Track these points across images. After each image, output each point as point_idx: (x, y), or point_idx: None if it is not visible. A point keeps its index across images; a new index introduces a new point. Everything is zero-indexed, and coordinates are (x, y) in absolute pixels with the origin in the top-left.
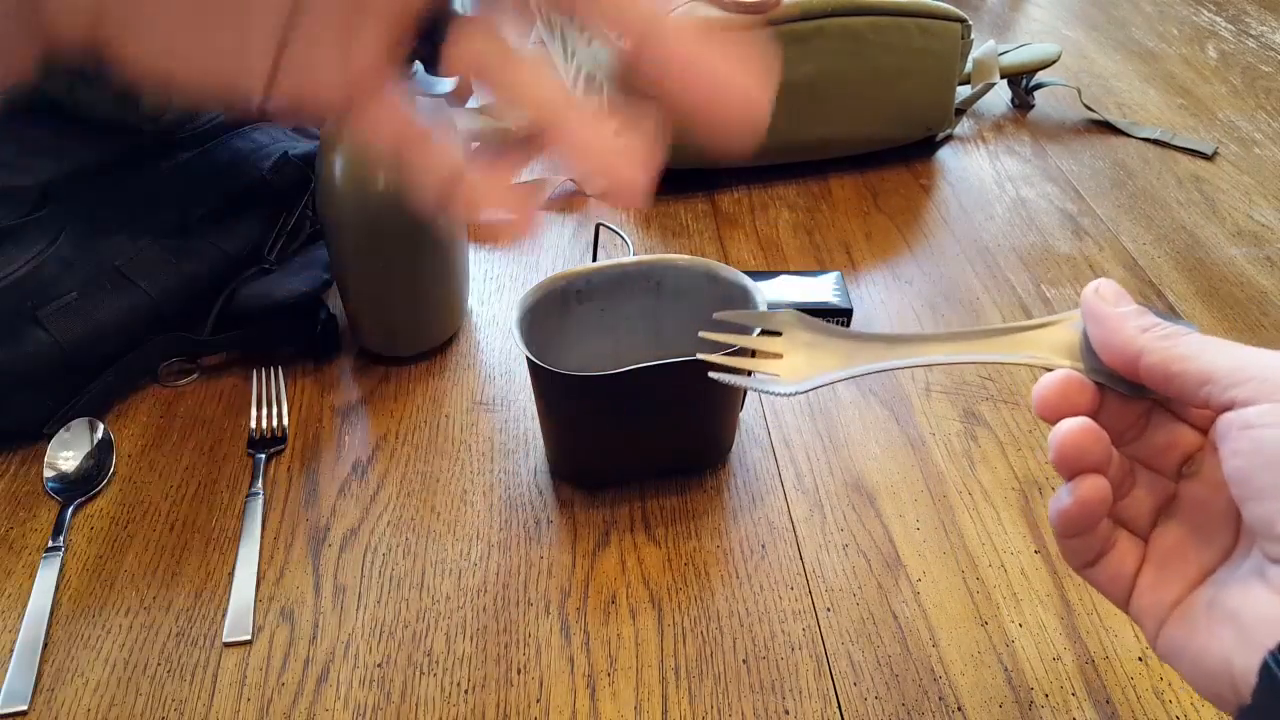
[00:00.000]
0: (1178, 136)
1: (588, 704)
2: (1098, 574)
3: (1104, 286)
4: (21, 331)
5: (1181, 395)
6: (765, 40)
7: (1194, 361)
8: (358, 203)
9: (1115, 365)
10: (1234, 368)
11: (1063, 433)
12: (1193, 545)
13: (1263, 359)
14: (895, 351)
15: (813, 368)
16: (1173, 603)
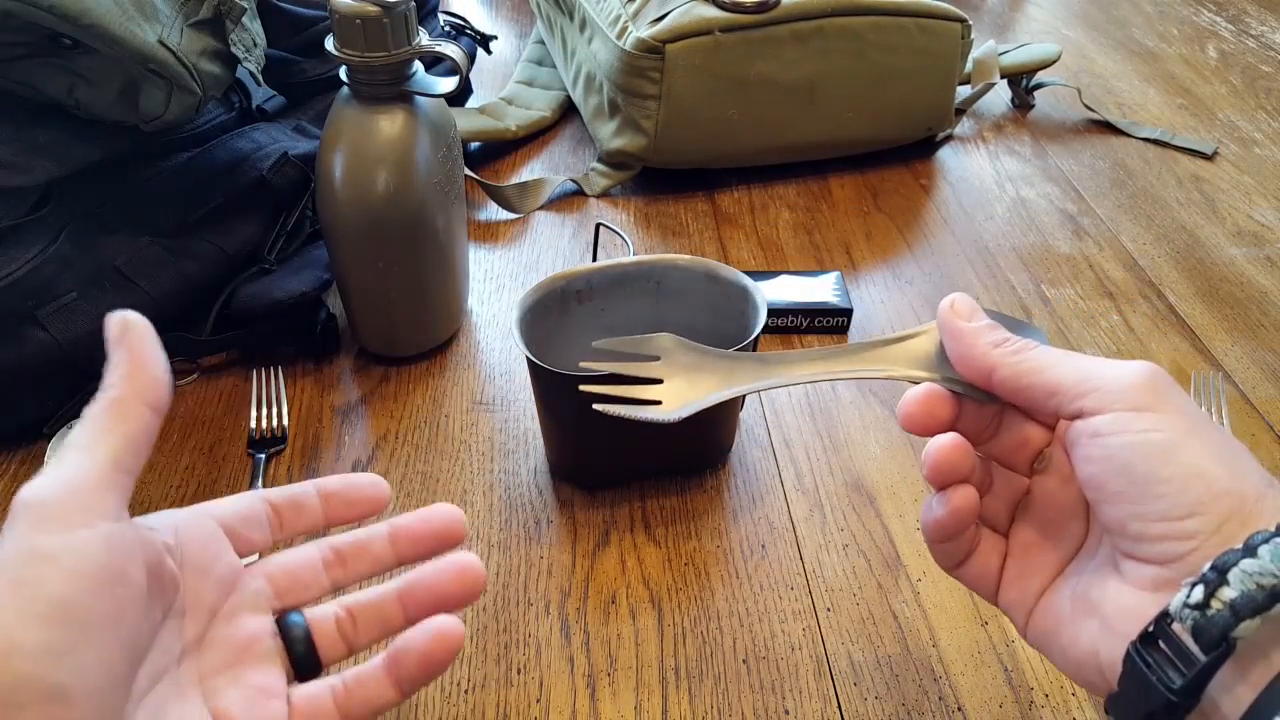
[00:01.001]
0: (1178, 136)
1: (588, 704)
2: (966, 573)
3: (958, 302)
4: (21, 331)
5: (1031, 405)
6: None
7: (1042, 375)
8: (358, 203)
9: (970, 378)
10: (1079, 379)
11: (935, 450)
12: (1049, 538)
13: (1104, 370)
14: (770, 371)
15: (693, 391)
16: (1036, 594)
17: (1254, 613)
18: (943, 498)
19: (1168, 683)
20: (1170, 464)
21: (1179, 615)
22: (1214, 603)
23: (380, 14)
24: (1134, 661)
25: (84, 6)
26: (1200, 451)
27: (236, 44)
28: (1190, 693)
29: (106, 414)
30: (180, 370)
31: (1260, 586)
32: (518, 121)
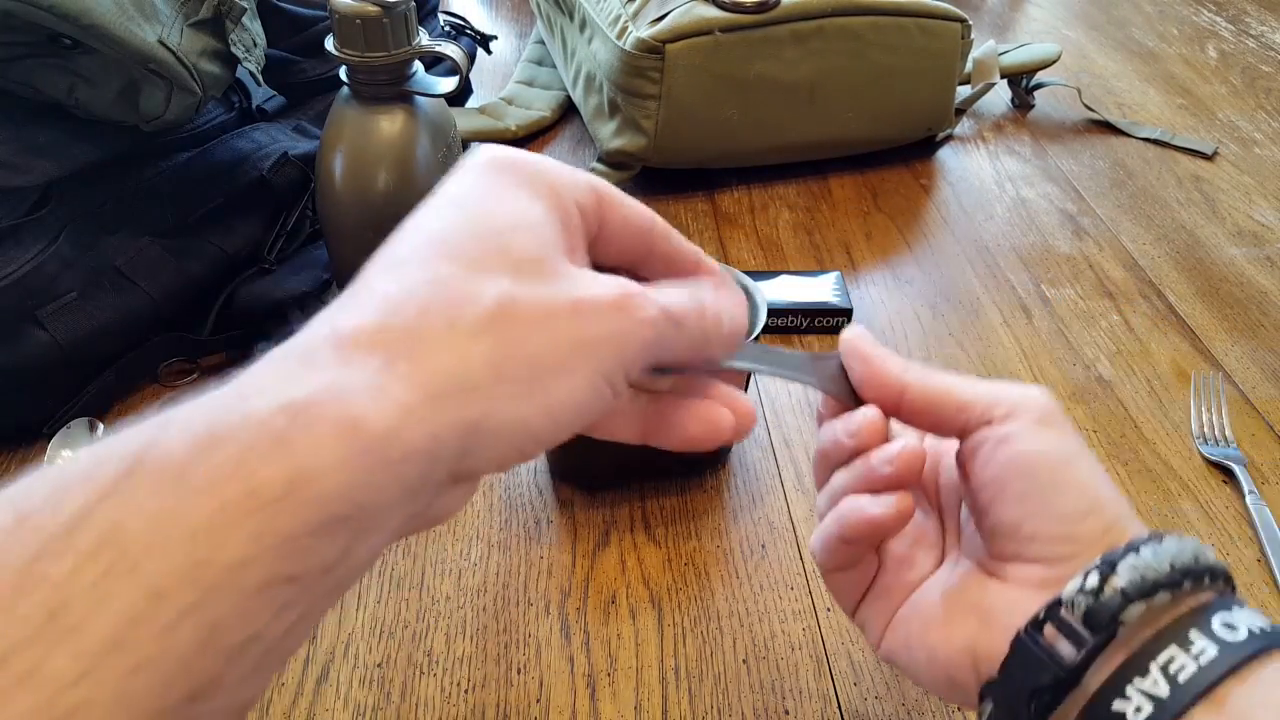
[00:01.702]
0: (1178, 136)
1: (588, 704)
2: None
3: (861, 330)
4: (21, 331)
5: (938, 424)
6: None
7: (952, 394)
8: (357, 202)
9: (878, 401)
10: (990, 397)
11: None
12: (917, 554)
13: (1011, 390)
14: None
15: None
16: (894, 608)
17: (1141, 596)
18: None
19: (1059, 660)
20: (1070, 471)
21: (1071, 601)
22: (1106, 589)
23: (380, 14)
24: (1024, 644)
25: (84, 6)
26: (1092, 467)
27: (236, 44)
28: (1078, 670)
29: None
30: (180, 370)
31: (1145, 578)
32: (518, 121)
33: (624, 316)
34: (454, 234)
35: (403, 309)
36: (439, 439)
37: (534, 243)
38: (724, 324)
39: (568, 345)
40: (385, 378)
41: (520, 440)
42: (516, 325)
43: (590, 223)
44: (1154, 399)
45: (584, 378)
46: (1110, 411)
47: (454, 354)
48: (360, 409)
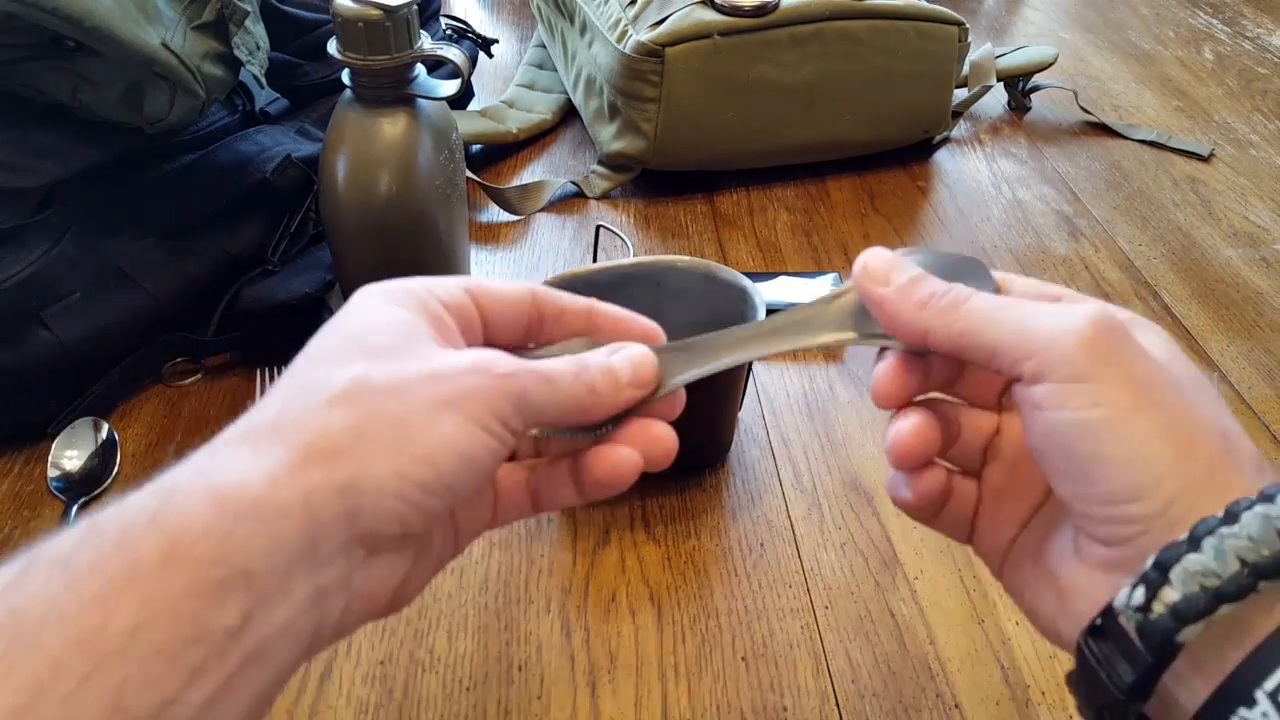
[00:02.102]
0: (1174, 138)
1: (588, 701)
2: (940, 524)
3: (871, 263)
4: (25, 332)
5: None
6: None
7: (977, 336)
8: (360, 204)
9: (907, 343)
10: (1017, 341)
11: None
12: (1020, 481)
13: (1044, 328)
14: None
15: None
16: (1009, 542)
17: (1196, 617)
18: (908, 481)
19: (1117, 681)
20: (1111, 444)
21: (1124, 612)
22: (1156, 605)
23: (382, 18)
24: (1084, 655)
25: (87, 9)
26: (1144, 429)
27: (239, 47)
28: (1138, 691)
29: None
30: (184, 371)
31: (1203, 588)
32: (519, 124)
33: (480, 374)
34: (318, 346)
35: (266, 407)
36: (312, 500)
37: (391, 336)
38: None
39: (428, 403)
40: (252, 456)
41: (406, 490)
42: (372, 394)
43: (465, 314)
44: None
45: (453, 425)
46: None
47: (315, 426)
48: (227, 481)
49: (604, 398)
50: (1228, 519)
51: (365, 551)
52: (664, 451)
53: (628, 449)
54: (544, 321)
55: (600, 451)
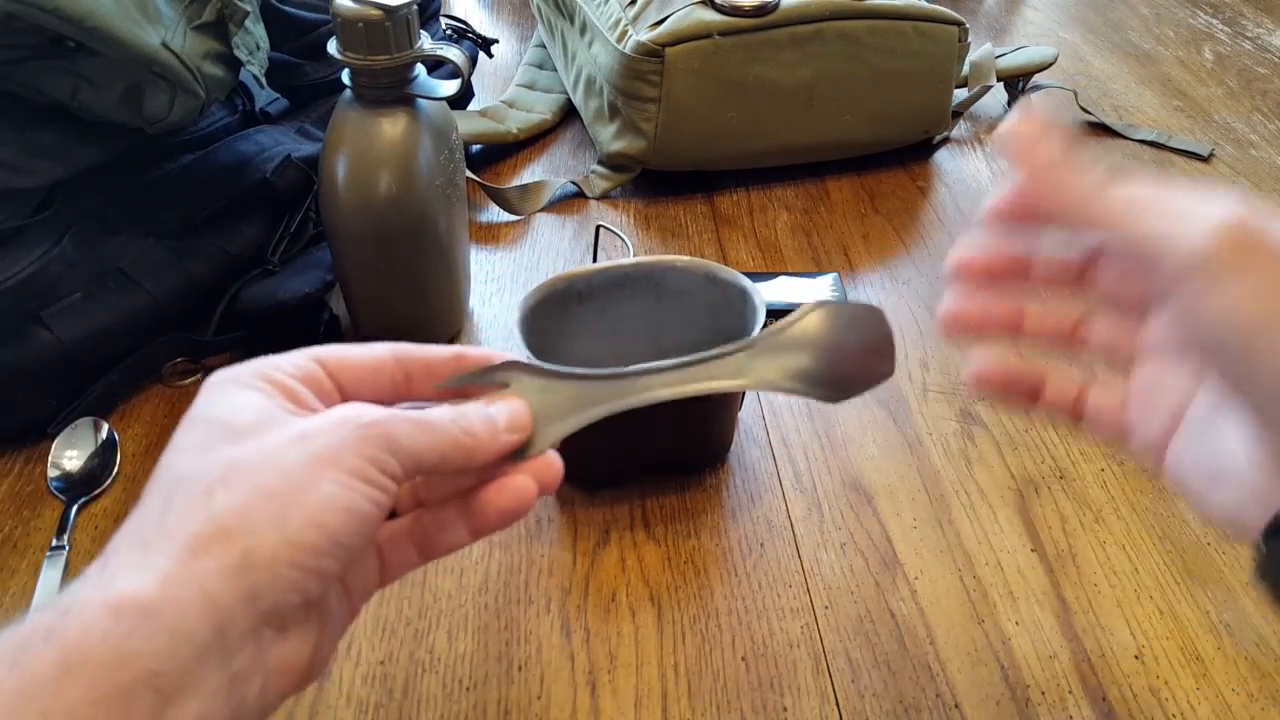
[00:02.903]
0: (1174, 138)
1: (588, 701)
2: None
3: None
4: (26, 332)
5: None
6: None
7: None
8: (360, 204)
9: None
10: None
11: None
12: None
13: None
14: (624, 390)
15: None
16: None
17: None
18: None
19: None
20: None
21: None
22: None
23: (382, 17)
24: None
25: (87, 9)
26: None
27: (239, 47)
28: None
29: None
30: (184, 371)
31: None
32: (519, 124)
33: (347, 426)
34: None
35: (147, 511)
36: (209, 589)
37: (250, 415)
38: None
39: (301, 465)
40: (144, 559)
41: (300, 557)
42: (247, 472)
43: (317, 382)
44: None
45: (332, 483)
46: None
47: (198, 516)
48: (121, 588)
49: (484, 441)
50: None
51: (274, 630)
52: (554, 475)
53: (524, 477)
54: (411, 379)
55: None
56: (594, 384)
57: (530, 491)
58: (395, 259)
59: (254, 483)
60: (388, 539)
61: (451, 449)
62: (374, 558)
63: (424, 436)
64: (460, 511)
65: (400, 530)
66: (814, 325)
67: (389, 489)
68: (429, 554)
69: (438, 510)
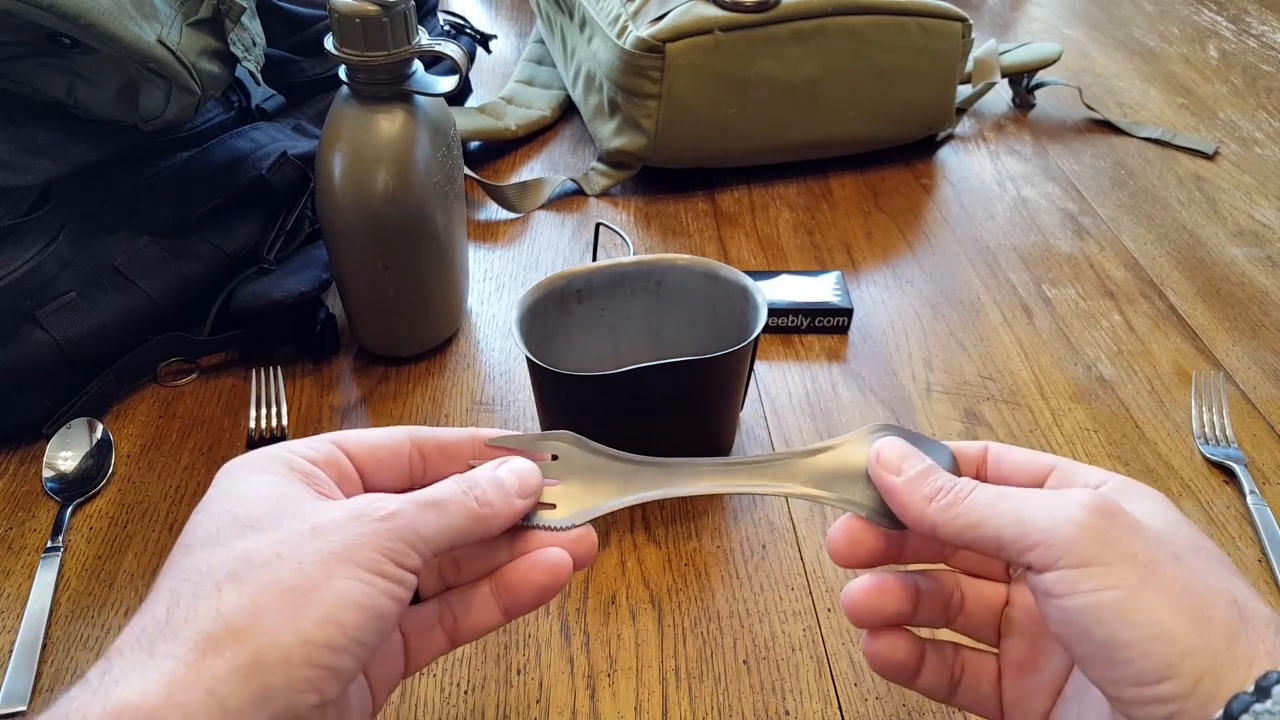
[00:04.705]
0: (1179, 136)
1: (588, 704)
2: (961, 700)
3: (884, 451)
4: (20, 331)
5: (984, 564)
6: None
7: (981, 530)
8: (357, 202)
9: (917, 532)
10: (1019, 533)
11: (850, 598)
12: (1040, 653)
13: (1042, 515)
14: (670, 480)
15: (588, 497)
16: (1044, 715)
17: None
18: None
19: None
20: (1128, 626)
21: None
22: None
23: (379, 13)
24: None
25: (83, 6)
26: (1157, 604)
27: (236, 43)
28: None
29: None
30: (179, 370)
31: None
32: (517, 121)
33: (363, 522)
34: (192, 532)
35: (154, 606)
36: (218, 692)
37: (264, 504)
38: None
39: (315, 562)
40: (149, 662)
41: (314, 655)
42: (259, 569)
43: (336, 465)
44: (1155, 399)
45: (348, 581)
46: (1111, 412)
47: (207, 614)
48: (124, 695)
49: (499, 508)
50: (1259, 694)
51: None
52: (588, 549)
53: (559, 551)
54: (426, 461)
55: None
56: (642, 469)
57: (566, 567)
58: (392, 257)
59: (265, 579)
60: (413, 625)
61: (467, 521)
62: (398, 647)
63: (438, 518)
64: (492, 590)
65: (427, 616)
66: None
67: (408, 582)
68: (458, 639)
69: (467, 590)
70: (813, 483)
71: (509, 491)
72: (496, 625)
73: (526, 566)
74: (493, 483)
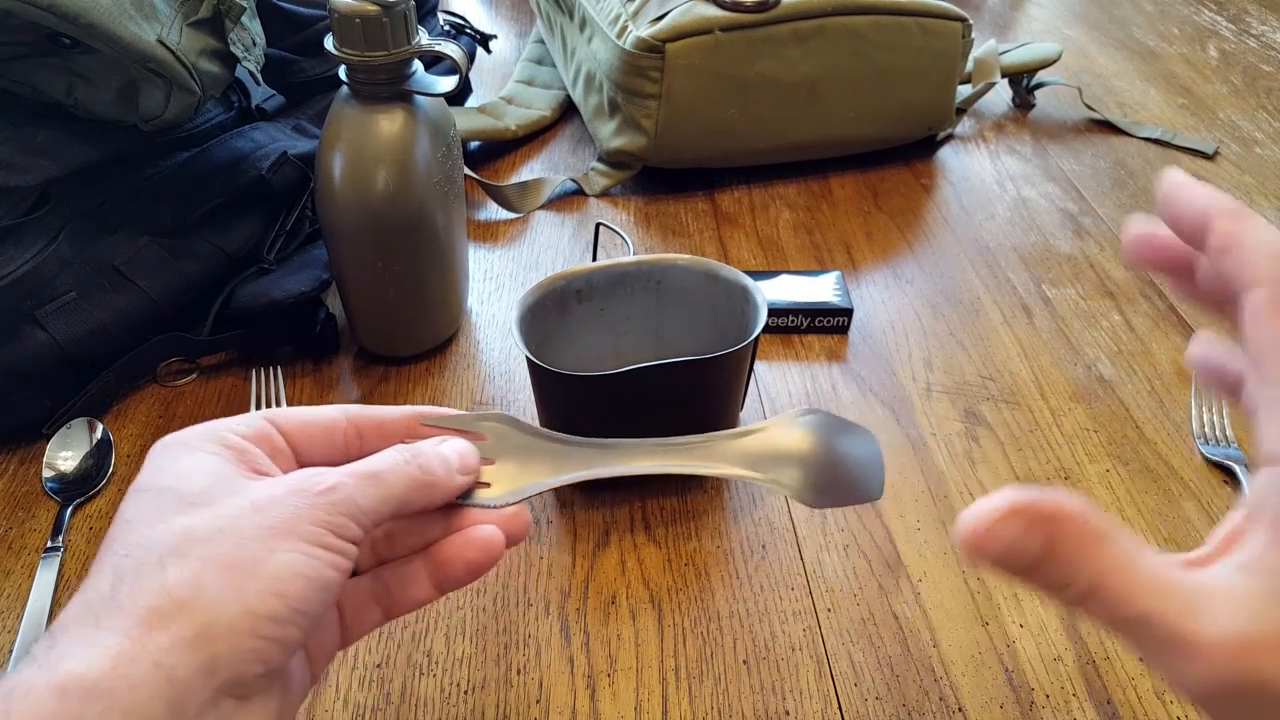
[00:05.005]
0: (1179, 136)
1: (588, 704)
2: None
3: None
4: (20, 331)
5: None
6: None
7: None
8: (357, 202)
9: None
10: None
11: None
12: None
13: None
14: (605, 458)
15: (522, 476)
16: None
17: None
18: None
19: None
20: None
21: None
22: None
23: (379, 13)
24: None
25: (83, 6)
26: None
27: (236, 43)
28: None
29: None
30: (179, 370)
31: None
32: (517, 121)
33: (302, 496)
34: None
35: (98, 583)
36: (164, 664)
37: (202, 479)
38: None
39: (256, 537)
40: (94, 635)
41: (259, 626)
42: (201, 543)
43: (270, 442)
44: (1155, 399)
45: (290, 554)
46: (1111, 412)
47: (151, 588)
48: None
49: (440, 478)
50: None
51: (235, 700)
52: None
53: (491, 528)
54: (363, 438)
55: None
56: (575, 449)
57: (498, 543)
58: (392, 257)
59: (208, 554)
60: (348, 599)
61: (410, 490)
62: (334, 619)
63: (377, 489)
64: (425, 565)
65: (361, 589)
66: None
67: (349, 552)
68: (392, 612)
69: (400, 565)
70: (743, 463)
71: (451, 465)
72: (429, 599)
73: (460, 542)
74: (436, 455)
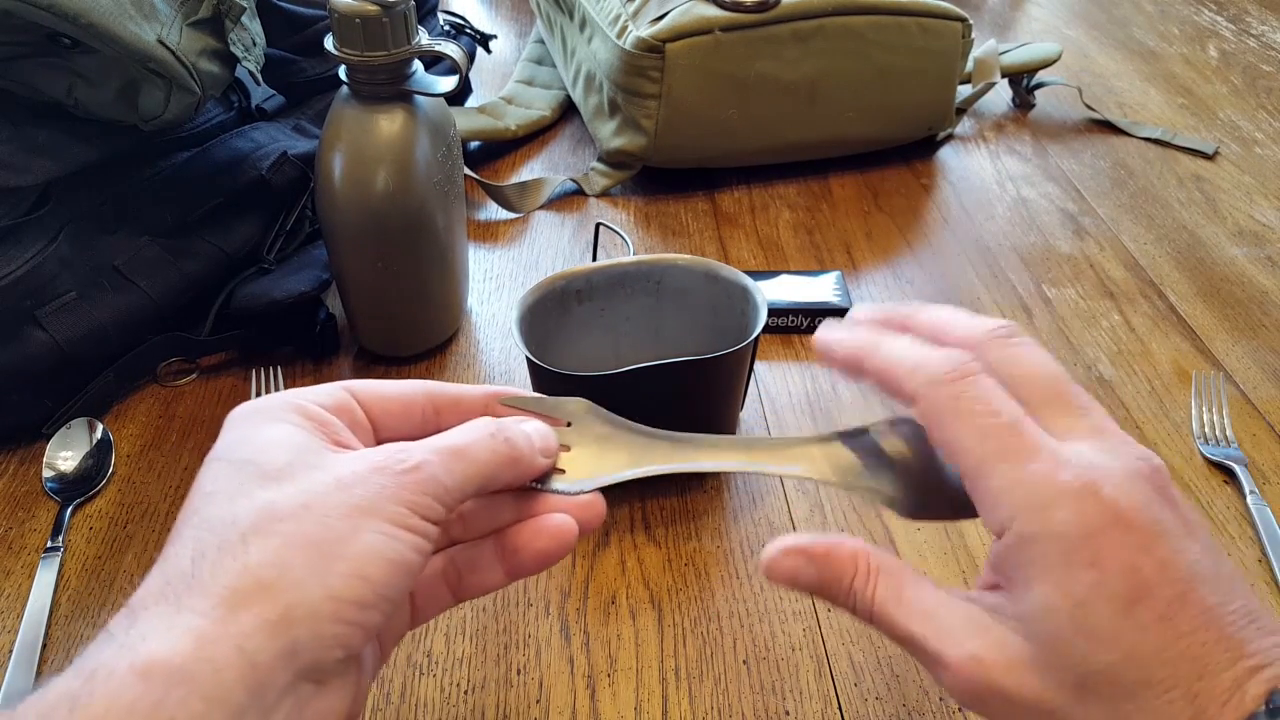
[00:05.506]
0: (1179, 136)
1: (588, 704)
2: None
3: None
4: (20, 331)
5: None
6: None
7: None
8: (357, 202)
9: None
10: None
11: None
12: None
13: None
14: (684, 454)
15: (600, 464)
16: None
17: None
18: None
19: None
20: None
21: None
22: None
23: (379, 13)
24: None
25: (83, 6)
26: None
27: (236, 43)
28: None
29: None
30: (179, 370)
31: None
32: (517, 121)
33: (386, 474)
34: (210, 481)
35: (178, 557)
36: (247, 647)
37: (283, 452)
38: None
39: (340, 515)
40: (175, 615)
41: (342, 610)
42: (283, 520)
43: (349, 413)
44: (1155, 399)
45: (373, 534)
46: (1111, 412)
47: (233, 568)
48: (151, 650)
49: (524, 453)
50: None
51: (312, 685)
52: (596, 515)
53: (564, 516)
54: (440, 415)
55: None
56: (656, 441)
57: (571, 532)
58: (392, 257)
59: (291, 532)
60: (421, 580)
61: (496, 465)
62: (406, 601)
63: (462, 465)
64: (497, 551)
65: (433, 571)
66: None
67: (431, 534)
68: (462, 595)
69: (472, 549)
70: (830, 468)
71: (534, 444)
72: (499, 585)
73: (532, 531)
74: (520, 432)
